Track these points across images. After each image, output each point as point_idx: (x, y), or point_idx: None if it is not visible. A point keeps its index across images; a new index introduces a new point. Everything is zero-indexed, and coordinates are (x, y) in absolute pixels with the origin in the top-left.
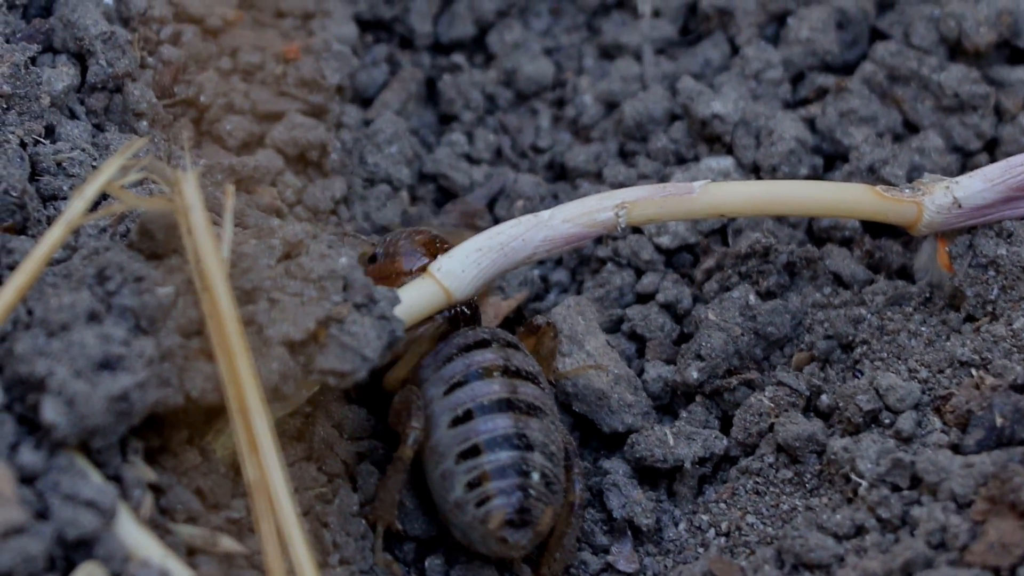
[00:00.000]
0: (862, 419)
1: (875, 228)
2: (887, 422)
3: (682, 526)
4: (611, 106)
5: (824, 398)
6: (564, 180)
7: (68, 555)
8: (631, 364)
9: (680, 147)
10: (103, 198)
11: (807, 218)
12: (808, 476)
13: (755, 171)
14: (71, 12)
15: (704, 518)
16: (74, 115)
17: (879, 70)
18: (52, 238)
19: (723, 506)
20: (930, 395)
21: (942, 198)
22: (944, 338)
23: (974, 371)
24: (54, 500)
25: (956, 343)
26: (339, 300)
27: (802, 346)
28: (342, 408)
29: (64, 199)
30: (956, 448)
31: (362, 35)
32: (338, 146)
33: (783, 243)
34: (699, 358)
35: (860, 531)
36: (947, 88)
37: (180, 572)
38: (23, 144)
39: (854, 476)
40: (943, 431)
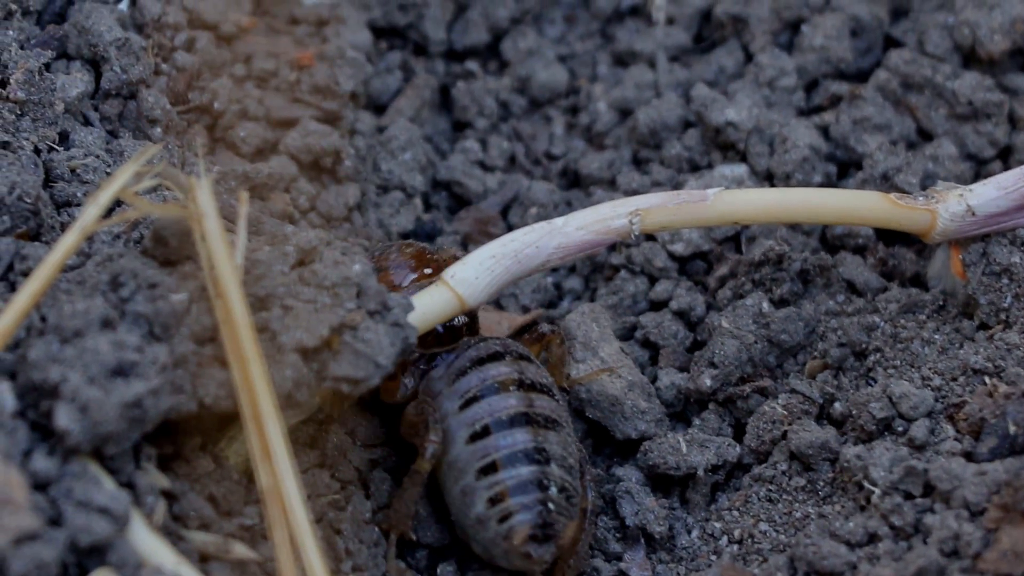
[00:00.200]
0: (875, 427)
1: (889, 236)
2: (900, 430)
3: (695, 533)
4: (625, 113)
5: (837, 406)
6: (578, 187)
7: (81, 562)
8: (644, 371)
9: (694, 154)
10: (117, 204)
11: (821, 226)
12: (821, 484)
13: (769, 179)
14: (85, 19)
15: (717, 525)
16: (88, 121)
17: (893, 78)
18: (66, 244)
19: (736, 513)
20: (943, 403)
21: (956, 206)
22: (957, 346)
23: (987, 379)
24: (67, 507)
25: (969, 351)
26: (353, 307)
27: (815, 354)
28: (355, 415)
29: (78, 205)
30: (969, 456)
31: (376, 42)
32: (352, 153)
33: (797, 251)
34: (712, 365)
35: (873, 539)
36: (961, 96)
37: None
38: (37, 150)
39: (867, 484)
40: (956, 439)
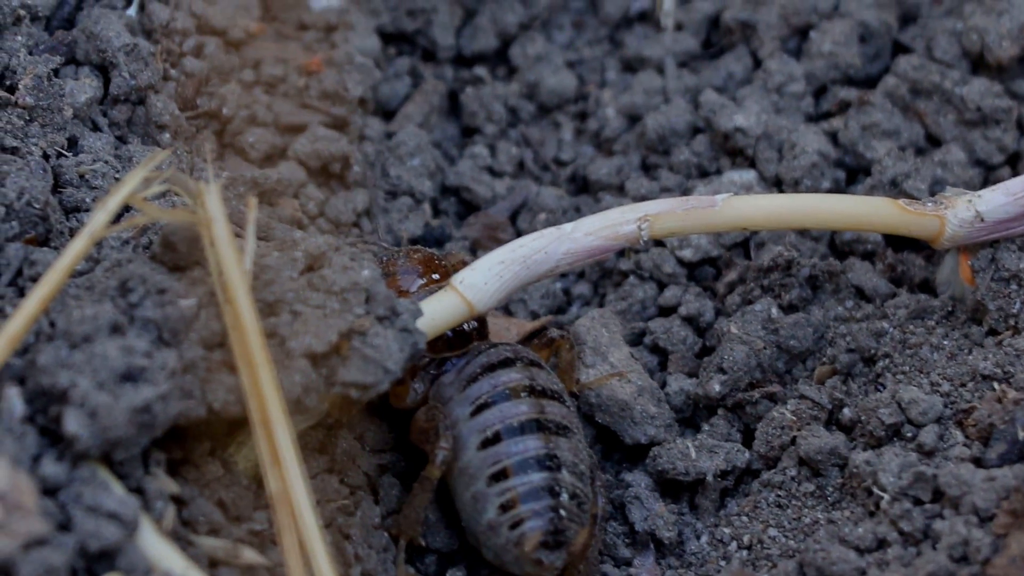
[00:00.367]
0: (884, 432)
1: (897, 242)
2: (909, 435)
3: (704, 539)
4: (634, 119)
5: (846, 411)
6: (586, 193)
7: (90, 567)
8: (653, 377)
9: (703, 160)
10: (126, 210)
11: (829, 231)
12: (830, 489)
13: (777, 184)
14: (94, 24)
15: (726, 531)
16: (97, 127)
17: (902, 84)
18: (75, 250)
19: (745, 519)
20: (952, 408)
21: (964, 212)
22: (966, 352)
23: (996, 385)
24: (76, 512)
25: (978, 356)
26: (361, 312)
27: (824, 359)
28: (364, 420)
29: (87, 211)
30: (978, 461)
31: (385, 48)
32: (360, 158)
33: (805, 256)
34: (721, 371)
35: (882, 544)
36: (969, 102)
37: None
38: (46, 156)
39: (876, 489)
40: (965, 444)
